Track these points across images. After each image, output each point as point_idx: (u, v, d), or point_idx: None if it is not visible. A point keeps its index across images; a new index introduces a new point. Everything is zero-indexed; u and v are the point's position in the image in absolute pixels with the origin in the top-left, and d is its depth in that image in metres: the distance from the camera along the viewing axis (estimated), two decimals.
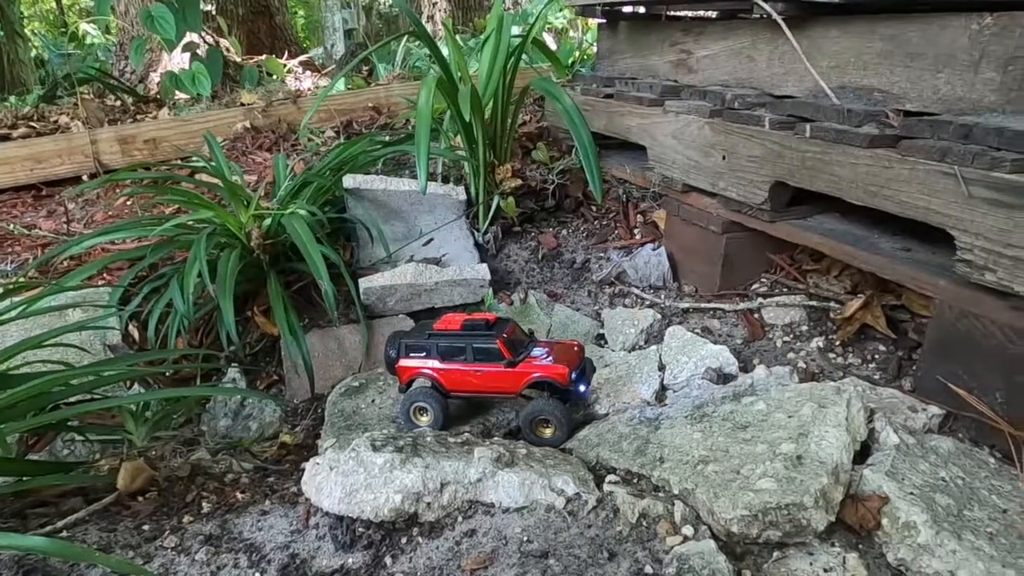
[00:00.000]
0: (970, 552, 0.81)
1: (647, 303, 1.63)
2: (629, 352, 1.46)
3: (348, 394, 1.44)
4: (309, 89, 3.18)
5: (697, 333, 1.46)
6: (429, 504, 0.97)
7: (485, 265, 1.69)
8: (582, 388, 1.22)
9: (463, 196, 1.89)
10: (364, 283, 1.60)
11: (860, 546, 0.88)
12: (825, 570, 0.84)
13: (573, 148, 1.82)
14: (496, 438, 1.25)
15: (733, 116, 1.48)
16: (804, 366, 1.31)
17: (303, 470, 1.07)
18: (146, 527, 1.03)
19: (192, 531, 1.00)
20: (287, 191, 1.80)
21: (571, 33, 4.30)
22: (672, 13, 1.98)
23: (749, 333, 1.45)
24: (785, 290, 1.52)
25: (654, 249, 1.74)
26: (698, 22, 1.81)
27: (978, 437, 1.06)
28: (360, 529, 0.97)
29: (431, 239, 1.83)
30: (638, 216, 1.92)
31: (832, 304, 1.41)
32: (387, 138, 2.12)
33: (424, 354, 1.27)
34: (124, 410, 1.30)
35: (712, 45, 1.71)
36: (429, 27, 5.16)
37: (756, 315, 1.48)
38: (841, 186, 1.25)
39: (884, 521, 0.88)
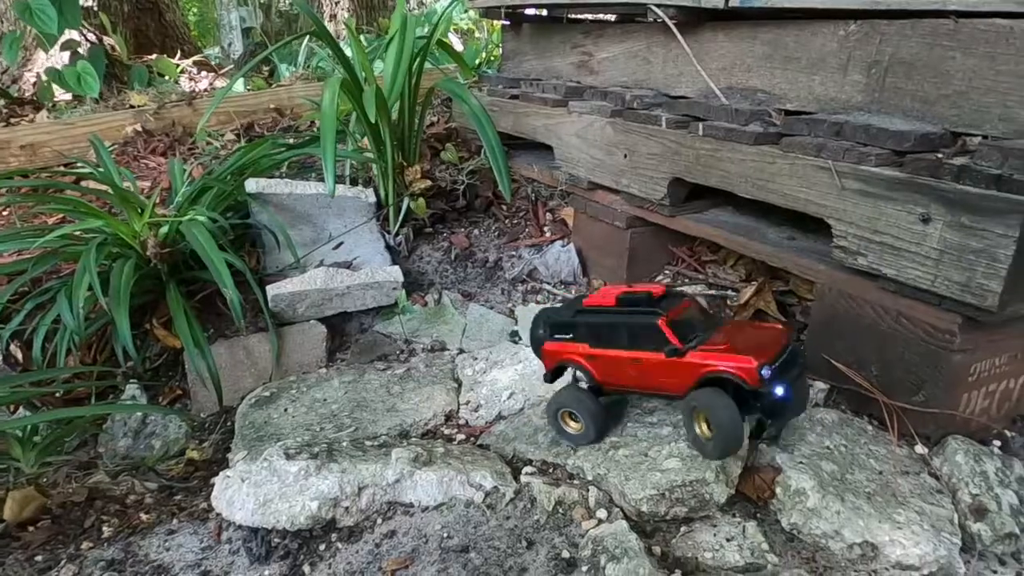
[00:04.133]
0: (852, 512, 0.89)
1: (559, 299, 1.67)
2: None
3: (259, 404, 1.40)
4: (206, 90, 3.04)
5: None
6: (347, 509, 0.96)
7: (397, 267, 1.69)
8: (779, 391, 0.89)
9: (372, 198, 1.87)
10: (272, 290, 1.56)
11: (758, 515, 0.95)
12: (727, 539, 0.90)
13: (482, 148, 1.85)
14: (414, 439, 1.25)
15: (633, 116, 1.55)
16: None
17: (213, 485, 1.03)
18: (39, 557, 0.96)
19: (92, 557, 0.95)
20: (185, 197, 1.72)
21: (477, 34, 4.33)
22: (573, 16, 2.04)
23: None
24: (687, 280, 1.60)
25: (563, 246, 1.78)
26: (597, 25, 1.88)
27: (858, 407, 1.16)
28: (276, 540, 0.95)
29: (341, 243, 1.80)
30: (547, 214, 1.96)
31: (729, 292, 1.50)
32: (291, 140, 2.07)
33: (571, 335, 1.02)
34: (9, 435, 1.21)
35: (611, 48, 1.78)
36: (331, 27, 5.05)
37: None
38: (732, 181, 1.33)
39: (778, 490, 0.95)
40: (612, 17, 2.23)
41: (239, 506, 0.95)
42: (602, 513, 0.94)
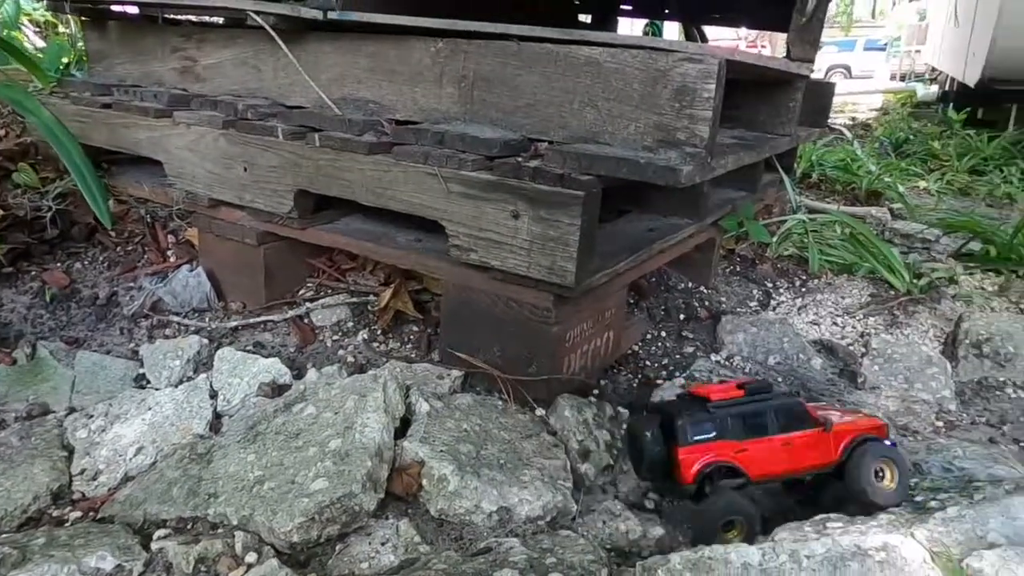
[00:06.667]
0: (487, 484, 0.99)
1: (192, 329, 1.51)
2: (176, 387, 1.33)
3: None
4: None
5: (249, 350, 1.42)
6: None
7: None
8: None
9: None
10: None
11: (409, 511, 0.99)
12: (382, 543, 0.92)
13: None
14: (5, 535, 1.01)
15: (248, 127, 1.46)
16: (353, 360, 1.39)
17: None
18: None
19: None
20: None
21: (62, 28, 3.65)
22: (170, 16, 1.85)
23: (301, 339, 1.47)
24: (329, 291, 1.59)
25: (192, 270, 1.61)
26: (198, 28, 1.73)
27: (490, 387, 1.29)
28: None
29: None
30: (169, 236, 1.76)
31: (371, 297, 1.53)
32: None
33: (714, 433, 0.99)
34: None
35: (216, 53, 1.66)
36: None
37: (306, 320, 1.52)
38: (354, 190, 1.35)
39: (424, 482, 1.00)
40: (221, 20, 2.08)
41: None
42: (251, 557, 0.88)
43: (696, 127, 1.11)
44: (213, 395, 1.30)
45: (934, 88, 7.63)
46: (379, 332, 1.47)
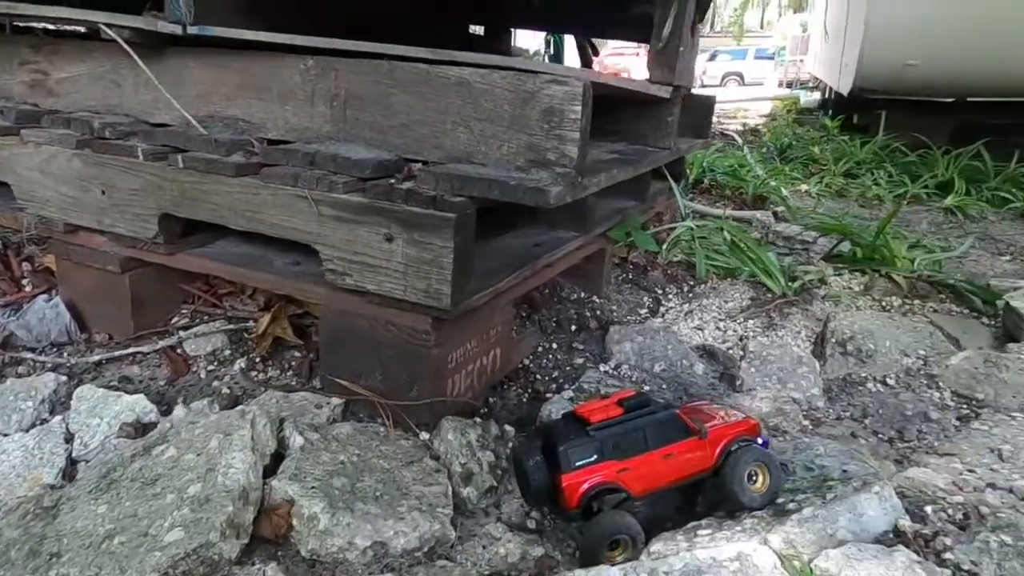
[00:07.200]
0: (361, 519, 0.96)
1: (48, 366, 1.39)
2: (27, 432, 1.23)
3: None
4: None
5: (113, 386, 1.32)
6: None
7: None
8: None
9: None
10: None
11: (279, 553, 0.95)
12: None
13: None
14: None
15: (105, 147, 1.37)
16: (228, 391, 1.33)
17: None
18: None
19: None
20: None
21: None
22: (19, 25, 1.70)
23: (173, 371, 1.39)
24: (205, 318, 1.51)
25: (49, 300, 1.49)
26: (51, 39, 1.60)
27: (374, 413, 1.26)
28: None
29: None
30: (24, 264, 1.62)
31: (250, 323, 1.47)
32: None
33: (595, 457, 1.00)
34: None
35: (71, 67, 1.54)
36: None
37: (179, 350, 1.43)
38: (223, 214, 1.29)
39: (294, 522, 0.96)
40: (83, 29, 1.94)
41: None
42: None
43: (565, 147, 1.13)
44: (69, 439, 1.20)
45: (816, 95, 8.17)
46: (257, 360, 1.41)
